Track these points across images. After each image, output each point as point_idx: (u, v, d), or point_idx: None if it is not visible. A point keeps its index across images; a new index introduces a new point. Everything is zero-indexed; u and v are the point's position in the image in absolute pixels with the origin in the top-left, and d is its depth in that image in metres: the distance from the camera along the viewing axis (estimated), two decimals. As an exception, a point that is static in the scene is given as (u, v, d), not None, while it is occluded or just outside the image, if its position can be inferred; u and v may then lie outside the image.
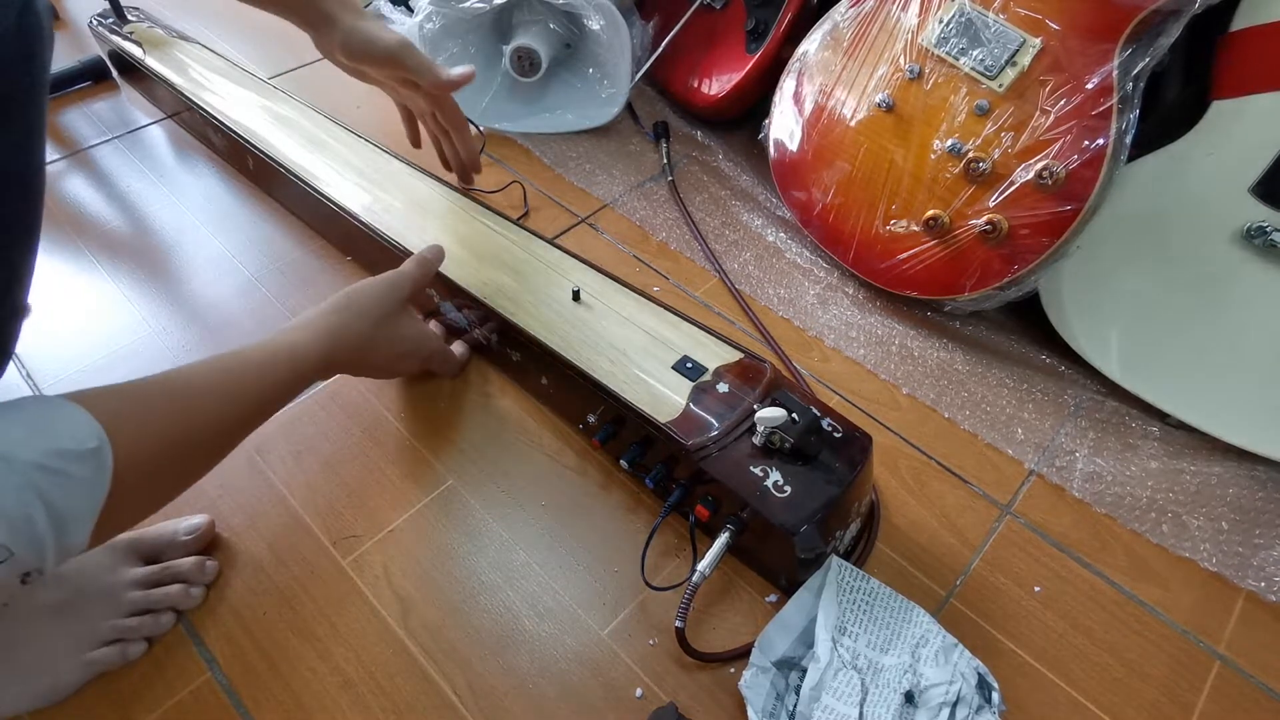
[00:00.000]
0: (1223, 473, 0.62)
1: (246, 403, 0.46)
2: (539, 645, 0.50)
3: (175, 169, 0.86)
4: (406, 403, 0.63)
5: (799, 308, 0.74)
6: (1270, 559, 0.57)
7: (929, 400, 0.67)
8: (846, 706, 0.45)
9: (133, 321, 0.68)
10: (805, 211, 0.78)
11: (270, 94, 0.85)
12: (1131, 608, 0.54)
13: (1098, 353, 0.66)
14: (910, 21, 0.68)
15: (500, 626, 0.50)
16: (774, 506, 0.48)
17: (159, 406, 0.40)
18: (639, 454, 0.55)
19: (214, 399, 0.44)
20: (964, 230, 0.66)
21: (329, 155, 0.76)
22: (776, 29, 0.84)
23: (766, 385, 0.54)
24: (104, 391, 0.38)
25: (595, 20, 0.83)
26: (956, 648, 0.48)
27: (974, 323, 0.74)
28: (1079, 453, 0.63)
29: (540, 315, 0.60)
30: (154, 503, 0.42)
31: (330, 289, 0.72)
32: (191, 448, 0.42)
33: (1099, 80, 0.59)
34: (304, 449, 0.60)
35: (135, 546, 0.50)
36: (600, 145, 0.92)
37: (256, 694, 0.47)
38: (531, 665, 0.49)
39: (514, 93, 0.94)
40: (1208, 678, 0.51)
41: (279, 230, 0.78)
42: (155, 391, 0.41)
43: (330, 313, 0.52)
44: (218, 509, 0.55)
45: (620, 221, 0.82)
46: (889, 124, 0.70)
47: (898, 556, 0.56)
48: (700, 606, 0.52)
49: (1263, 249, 0.57)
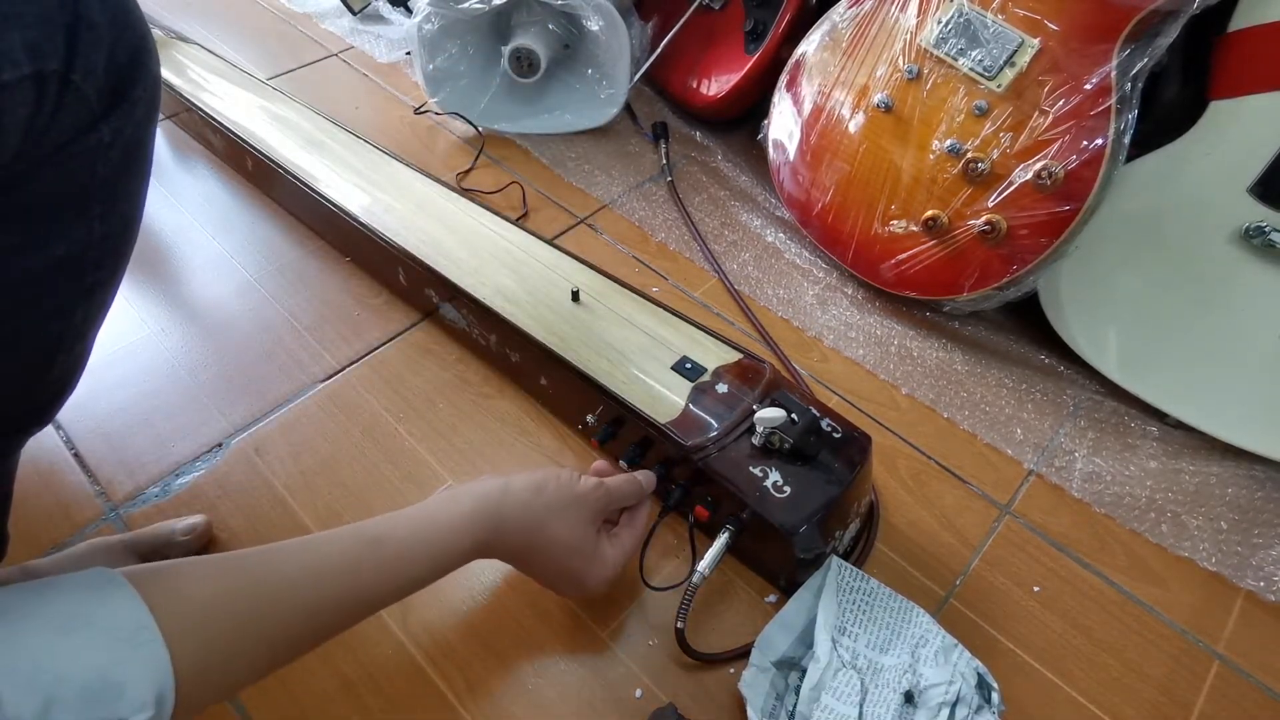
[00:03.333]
0: (1221, 472, 0.62)
1: (368, 604, 0.40)
2: (538, 646, 0.50)
3: (174, 170, 0.86)
4: (406, 403, 0.63)
5: (798, 308, 0.74)
6: (1269, 558, 0.57)
7: (928, 400, 0.67)
8: (846, 706, 0.45)
9: (132, 322, 0.68)
10: (804, 212, 0.78)
11: (269, 95, 0.85)
12: (1131, 607, 0.54)
13: (1096, 353, 0.66)
14: (909, 22, 0.68)
15: (500, 627, 0.50)
16: (773, 507, 0.48)
17: (250, 633, 0.34)
18: (638, 454, 0.55)
19: (325, 616, 0.37)
20: (963, 230, 0.66)
21: (328, 156, 0.76)
22: (775, 29, 0.84)
23: (766, 385, 0.54)
24: (181, 612, 0.31)
25: (594, 21, 0.83)
26: (956, 648, 0.48)
27: (973, 323, 0.74)
28: (1078, 453, 0.63)
29: (539, 316, 0.60)
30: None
31: (329, 289, 0.72)
32: (273, 667, 0.36)
33: (1097, 80, 0.59)
34: (303, 449, 0.59)
35: (133, 546, 0.50)
36: (599, 146, 0.92)
37: (255, 695, 0.47)
38: (531, 666, 0.49)
39: (513, 93, 0.94)
40: (1207, 677, 0.51)
41: (278, 231, 0.78)
42: (247, 612, 0.34)
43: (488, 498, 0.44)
44: (216, 509, 0.55)
45: (619, 222, 0.82)
46: (888, 124, 0.70)
47: (897, 556, 0.56)
48: (700, 607, 0.52)
49: (1261, 249, 0.57)
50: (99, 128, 0.30)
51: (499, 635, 0.50)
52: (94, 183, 0.32)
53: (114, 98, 0.30)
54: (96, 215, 0.33)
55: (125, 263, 0.37)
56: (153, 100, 0.33)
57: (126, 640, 0.29)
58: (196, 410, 0.62)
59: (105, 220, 0.33)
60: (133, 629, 0.29)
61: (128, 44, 0.30)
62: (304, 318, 0.70)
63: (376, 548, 0.39)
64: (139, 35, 0.31)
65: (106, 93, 0.30)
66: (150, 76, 0.32)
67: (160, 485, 0.57)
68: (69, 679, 0.26)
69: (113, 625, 0.29)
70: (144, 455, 0.58)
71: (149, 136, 0.34)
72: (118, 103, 0.31)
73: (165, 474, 0.57)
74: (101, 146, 0.31)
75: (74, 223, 0.32)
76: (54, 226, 0.31)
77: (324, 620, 0.37)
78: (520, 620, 0.51)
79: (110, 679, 0.27)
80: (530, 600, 0.52)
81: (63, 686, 0.26)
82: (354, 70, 1.02)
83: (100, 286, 0.36)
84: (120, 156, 0.32)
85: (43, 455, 0.58)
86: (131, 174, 0.34)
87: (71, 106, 0.29)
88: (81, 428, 0.60)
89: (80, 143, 0.30)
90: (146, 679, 0.28)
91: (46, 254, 0.32)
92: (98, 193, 0.32)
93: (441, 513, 0.42)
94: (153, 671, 0.29)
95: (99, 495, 0.56)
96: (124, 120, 0.31)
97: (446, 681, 0.48)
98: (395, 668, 0.48)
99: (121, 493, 0.56)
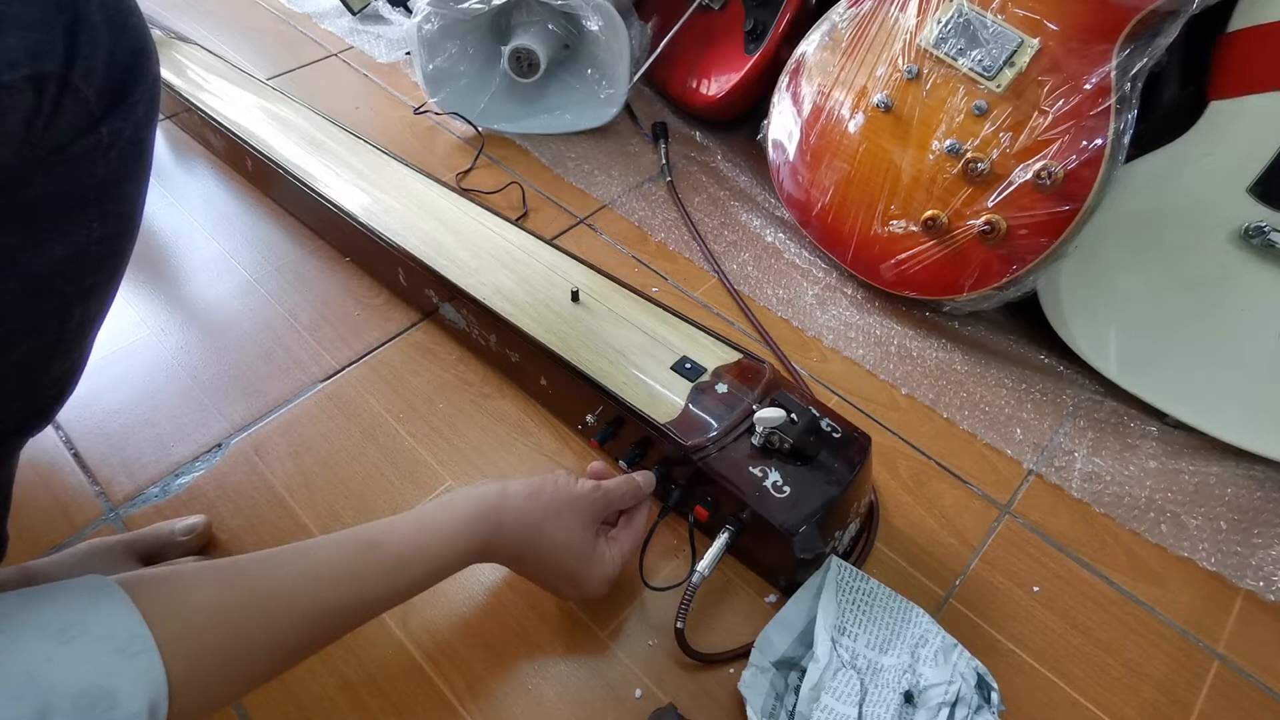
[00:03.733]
0: (1221, 472, 0.62)
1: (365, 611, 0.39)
2: (538, 646, 0.50)
3: (173, 170, 0.86)
4: (406, 403, 0.63)
5: (798, 308, 0.74)
6: (1269, 558, 0.57)
7: (928, 400, 0.67)
8: (846, 706, 0.45)
9: (131, 322, 0.68)
10: (804, 212, 0.78)
11: (268, 95, 0.85)
12: (1130, 607, 0.54)
13: (1096, 352, 0.66)
14: (909, 22, 0.68)
15: (500, 628, 0.50)
16: (773, 507, 0.48)
17: (241, 644, 0.33)
18: (638, 454, 0.55)
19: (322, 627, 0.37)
20: (962, 230, 0.66)
21: (327, 156, 0.76)
22: (775, 29, 0.84)
23: (765, 385, 0.54)
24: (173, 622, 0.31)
25: (594, 21, 0.83)
26: (956, 648, 0.48)
27: (972, 323, 0.74)
28: (1078, 453, 0.63)
29: (539, 316, 0.60)
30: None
31: (329, 289, 0.72)
32: (268, 677, 0.36)
33: (1097, 80, 0.59)
34: (303, 449, 0.59)
35: (132, 547, 0.50)
36: (599, 146, 0.92)
37: (255, 695, 0.47)
38: (531, 666, 0.49)
39: (512, 93, 0.94)
40: (1206, 677, 0.51)
41: (277, 231, 0.78)
42: (240, 625, 0.33)
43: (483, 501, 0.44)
44: (216, 510, 0.55)
45: (619, 222, 0.82)
46: (887, 124, 0.70)
47: (897, 557, 0.56)
48: (699, 607, 0.52)
49: (1260, 248, 0.57)
50: (98, 129, 0.30)
51: (499, 635, 0.50)
52: (93, 184, 0.32)
53: (113, 99, 0.30)
54: (95, 216, 0.33)
55: (124, 264, 0.37)
56: (152, 101, 0.33)
57: (120, 649, 0.29)
58: (196, 410, 0.62)
59: (104, 221, 0.33)
60: (126, 638, 0.29)
61: (127, 45, 0.30)
62: (303, 318, 0.70)
63: (374, 553, 0.39)
64: (139, 37, 0.31)
65: (106, 94, 0.30)
66: (150, 78, 0.32)
67: (160, 486, 0.57)
68: (62, 688, 0.26)
69: (107, 634, 0.29)
70: (144, 455, 0.58)
71: (149, 137, 0.34)
72: (117, 104, 0.31)
73: (165, 474, 0.57)
74: (101, 148, 0.31)
75: (73, 224, 0.32)
76: (53, 227, 0.31)
77: (322, 627, 0.37)
78: (520, 620, 0.51)
79: (104, 688, 0.27)
80: (530, 600, 0.52)
81: (56, 696, 0.26)
82: (354, 70, 1.02)
83: (99, 287, 0.35)
84: (119, 158, 0.32)
85: (43, 455, 0.58)
86: (131, 175, 0.34)
87: (70, 108, 0.29)
88: (81, 428, 0.60)
89: (79, 144, 0.30)
90: (140, 689, 0.28)
91: (45, 255, 0.32)
92: (97, 194, 0.32)
93: (439, 518, 0.42)
94: (146, 681, 0.28)
95: (99, 495, 0.56)
96: (123, 121, 0.31)
97: (446, 682, 0.48)
98: (395, 668, 0.48)
99: (121, 493, 0.56)
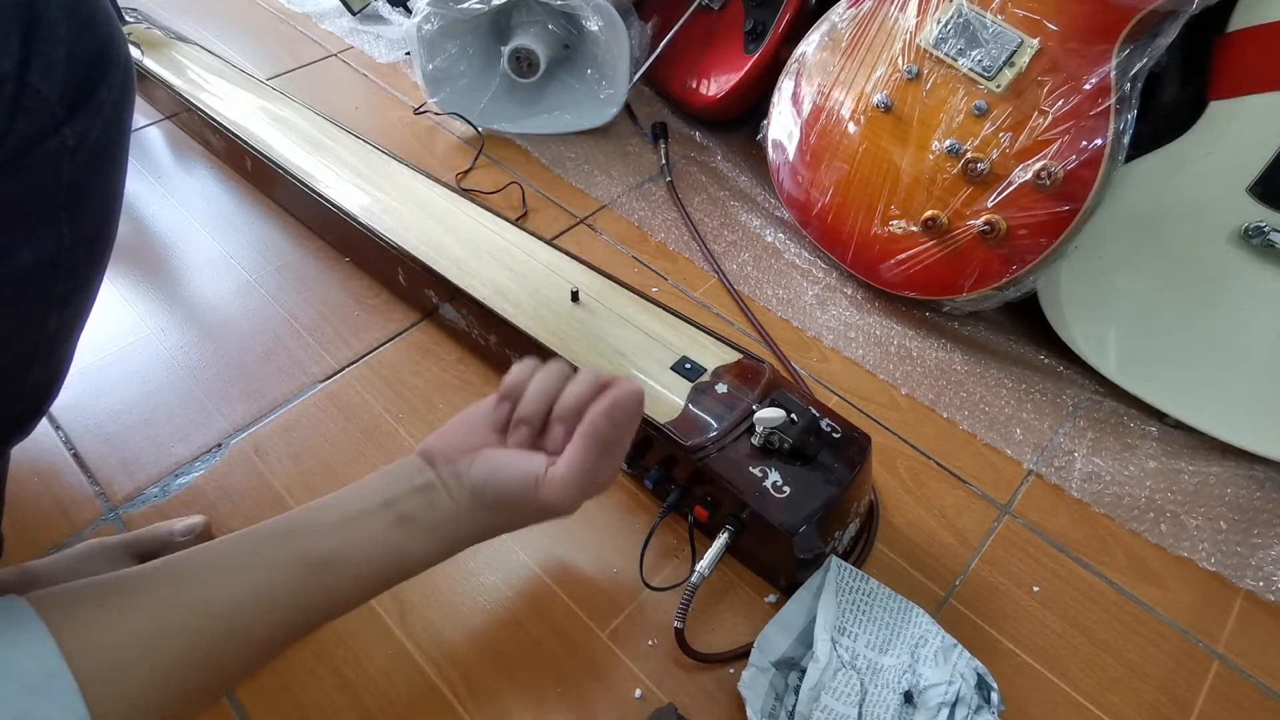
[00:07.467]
0: (1221, 472, 0.62)
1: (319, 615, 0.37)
2: (538, 646, 0.50)
3: (173, 170, 0.86)
4: (406, 404, 0.63)
5: (798, 308, 0.74)
6: (1269, 558, 0.57)
7: (928, 400, 0.67)
8: (845, 707, 0.45)
9: (131, 323, 0.68)
10: (804, 212, 0.78)
11: (268, 95, 0.85)
12: (1130, 607, 0.54)
13: (1096, 353, 0.66)
14: (908, 22, 0.68)
15: (499, 628, 0.50)
16: (773, 507, 0.48)
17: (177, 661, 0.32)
18: (638, 454, 0.55)
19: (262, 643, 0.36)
20: (962, 231, 0.66)
21: (327, 156, 0.76)
22: (775, 29, 0.84)
23: (765, 386, 0.54)
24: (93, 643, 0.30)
25: (593, 21, 0.83)
26: (955, 648, 0.48)
27: (972, 323, 0.74)
28: (1077, 453, 0.63)
29: (539, 316, 0.60)
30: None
31: (329, 289, 0.72)
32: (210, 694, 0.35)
33: (1097, 81, 0.59)
34: (303, 450, 0.59)
35: (131, 547, 0.50)
36: (599, 146, 0.92)
37: (255, 695, 0.47)
38: (530, 666, 0.49)
39: (512, 93, 0.94)
40: (1206, 677, 0.51)
41: (277, 231, 0.78)
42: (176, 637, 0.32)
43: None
44: (215, 511, 0.55)
45: (619, 222, 0.82)
46: (887, 124, 0.70)
47: (897, 557, 0.56)
48: (699, 607, 0.52)
49: (1260, 249, 0.57)
50: (61, 130, 0.29)
51: (498, 635, 0.50)
52: (60, 188, 0.30)
53: (77, 98, 0.29)
54: (66, 221, 0.31)
55: (102, 268, 0.35)
56: (121, 100, 0.32)
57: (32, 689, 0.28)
58: (196, 411, 0.62)
59: (76, 226, 0.32)
60: (41, 676, 0.28)
61: (90, 42, 0.29)
62: (303, 318, 0.70)
63: (324, 574, 0.37)
64: (104, 33, 0.29)
65: (69, 94, 0.28)
66: (118, 76, 0.31)
67: (159, 486, 0.57)
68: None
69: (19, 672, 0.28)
70: (143, 456, 0.58)
71: (121, 137, 0.33)
72: (82, 103, 0.29)
73: (164, 474, 0.57)
74: (66, 150, 0.29)
75: (41, 230, 0.31)
76: (19, 234, 0.30)
77: (263, 649, 0.36)
78: (520, 620, 0.51)
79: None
80: (530, 600, 0.52)
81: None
82: (353, 70, 1.02)
83: (75, 294, 0.34)
84: (88, 160, 0.31)
85: (42, 456, 0.58)
86: (103, 177, 0.32)
87: (30, 109, 0.27)
88: (81, 428, 0.60)
89: (42, 146, 0.28)
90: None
91: (13, 263, 0.30)
92: (66, 198, 0.31)
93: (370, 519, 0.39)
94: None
95: (98, 496, 0.56)
96: (90, 122, 0.30)
97: (445, 681, 0.48)
98: (394, 668, 0.48)
99: (121, 493, 0.56)
